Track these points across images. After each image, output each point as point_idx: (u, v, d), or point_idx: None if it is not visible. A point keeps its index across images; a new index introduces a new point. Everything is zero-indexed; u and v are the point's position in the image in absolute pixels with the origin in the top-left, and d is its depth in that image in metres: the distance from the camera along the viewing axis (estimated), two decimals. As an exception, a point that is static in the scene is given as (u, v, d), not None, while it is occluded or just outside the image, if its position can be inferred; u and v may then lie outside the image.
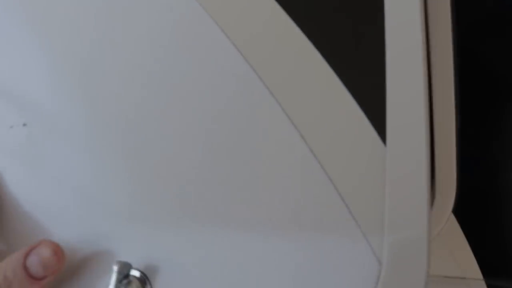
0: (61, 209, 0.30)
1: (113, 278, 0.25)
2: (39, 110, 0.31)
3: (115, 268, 0.26)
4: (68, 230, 0.30)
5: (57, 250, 0.26)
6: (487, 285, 0.41)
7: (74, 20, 0.31)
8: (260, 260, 0.26)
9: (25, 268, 0.25)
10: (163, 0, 0.30)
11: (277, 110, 0.27)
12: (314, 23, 0.27)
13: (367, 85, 0.26)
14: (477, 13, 0.41)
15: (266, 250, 0.26)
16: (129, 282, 0.26)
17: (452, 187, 0.41)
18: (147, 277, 0.27)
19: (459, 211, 0.41)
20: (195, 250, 0.28)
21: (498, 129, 0.42)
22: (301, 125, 0.27)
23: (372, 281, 0.25)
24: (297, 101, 0.27)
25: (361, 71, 0.27)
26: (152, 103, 0.29)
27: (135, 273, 0.27)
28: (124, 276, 0.26)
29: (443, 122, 0.42)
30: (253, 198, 0.27)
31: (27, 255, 0.26)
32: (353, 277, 0.25)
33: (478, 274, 0.41)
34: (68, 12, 0.31)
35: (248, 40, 0.28)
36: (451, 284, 0.42)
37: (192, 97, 0.29)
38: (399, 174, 0.25)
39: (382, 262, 0.24)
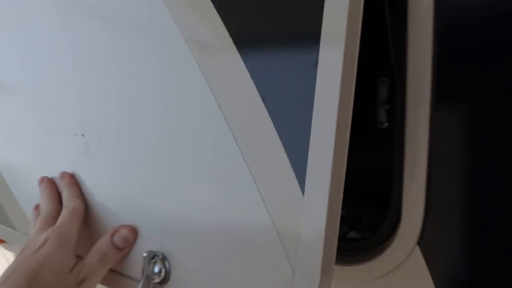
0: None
1: (145, 261, 0.38)
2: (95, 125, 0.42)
3: (145, 254, 0.38)
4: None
5: (133, 230, 0.40)
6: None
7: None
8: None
9: (113, 242, 0.40)
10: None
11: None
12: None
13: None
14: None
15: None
16: (156, 261, 0.38)
17: (419, 217, 0.40)
18: (165, 257, 0.38)
19: (424, 242, 0.40)
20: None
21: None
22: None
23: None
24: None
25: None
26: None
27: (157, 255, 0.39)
28: (150, 258, 0.38)
29: (413, 152, 0.40)
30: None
31: (112, 235, 0.40)
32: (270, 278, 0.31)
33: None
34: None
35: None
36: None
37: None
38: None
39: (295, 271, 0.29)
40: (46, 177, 0.46)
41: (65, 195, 0.43)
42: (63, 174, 0.44)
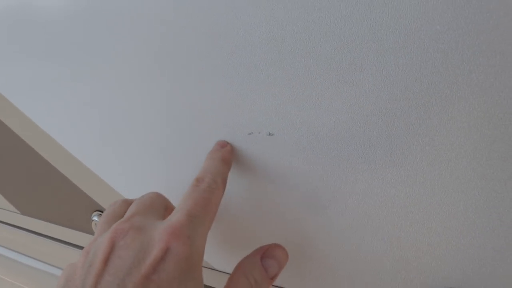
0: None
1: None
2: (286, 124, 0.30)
3: None
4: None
5: (285, 252, 0.29)
6: None
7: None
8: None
9: (265, 269, 0.27)
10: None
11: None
12: None
13: None
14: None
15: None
16: None
17: None
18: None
19: None
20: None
21: None
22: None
23: None
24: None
25: None
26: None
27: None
28: None
29: None
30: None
31: (262, 257, 0.28)
32: None
33: None
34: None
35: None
36: None
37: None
38: None
39: None
40: None
41: None
42: None
